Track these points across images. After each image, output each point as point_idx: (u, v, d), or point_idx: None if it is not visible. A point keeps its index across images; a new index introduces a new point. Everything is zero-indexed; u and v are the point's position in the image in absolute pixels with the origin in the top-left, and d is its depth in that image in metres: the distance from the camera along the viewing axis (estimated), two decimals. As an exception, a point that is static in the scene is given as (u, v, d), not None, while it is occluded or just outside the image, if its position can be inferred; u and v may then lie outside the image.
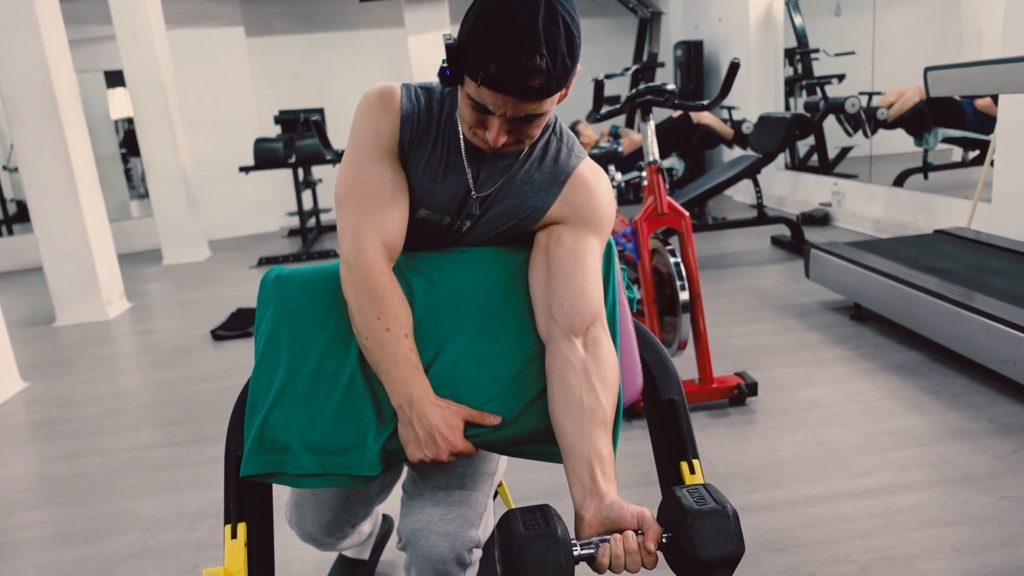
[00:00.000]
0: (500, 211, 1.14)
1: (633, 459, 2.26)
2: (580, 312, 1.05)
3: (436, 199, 1.13)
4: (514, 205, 1.13)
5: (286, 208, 7.76)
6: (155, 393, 3.26)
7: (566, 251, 1.09)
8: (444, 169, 1.12)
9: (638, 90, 2.66)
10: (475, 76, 0.94)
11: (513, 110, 0.96)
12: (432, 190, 1.13)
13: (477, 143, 1.05)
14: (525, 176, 1.12)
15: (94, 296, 4.60)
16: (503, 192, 1.13)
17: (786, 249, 4.87)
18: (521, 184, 1.12)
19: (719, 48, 7.33)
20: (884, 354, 2.94)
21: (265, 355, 1.12)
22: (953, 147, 5.42)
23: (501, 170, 1.12)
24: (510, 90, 0.94)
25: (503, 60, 0.91)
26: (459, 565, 1.10)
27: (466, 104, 1.00)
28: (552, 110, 1.03)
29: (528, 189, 1.12)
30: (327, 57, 7.81)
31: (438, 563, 1.09)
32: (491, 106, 0.96)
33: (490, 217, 1.15)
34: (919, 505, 1.91)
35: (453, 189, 1.13)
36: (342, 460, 1.06)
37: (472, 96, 0.97)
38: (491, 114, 0.98)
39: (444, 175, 1.12)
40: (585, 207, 1.11)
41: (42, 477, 2.53)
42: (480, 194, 1.12)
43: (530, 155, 1.12)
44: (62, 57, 4.36)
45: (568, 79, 0.98)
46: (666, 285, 2.65)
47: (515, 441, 1.08)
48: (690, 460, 1.13)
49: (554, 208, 1.12)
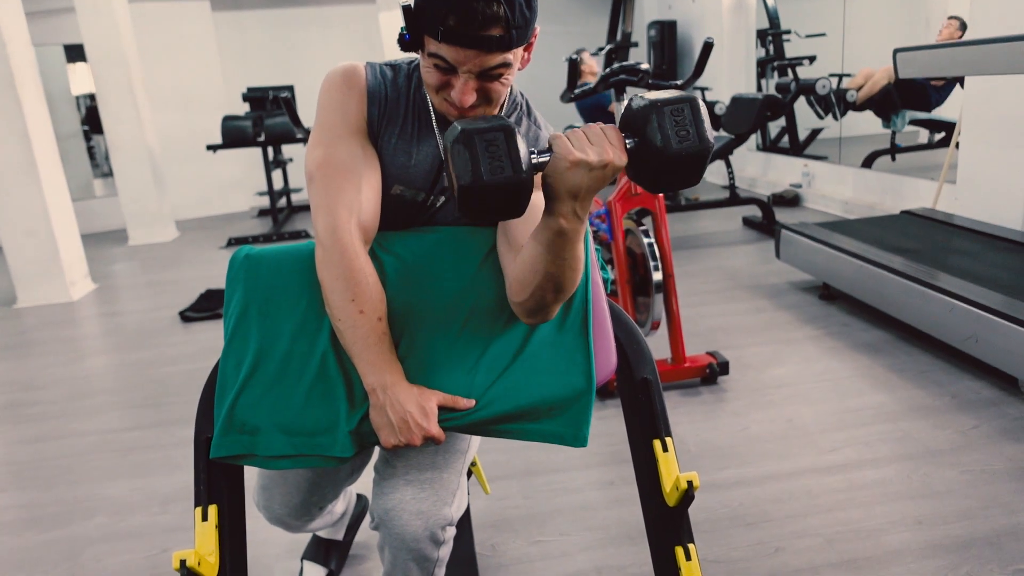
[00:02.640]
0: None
1: (607, 437, 2.28)
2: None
3: (410, 174, 1.13)
4: None
5: (255, 188, 7.63)
6: (122, 376, 3.20)
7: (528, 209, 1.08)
8: (417, 143, 1.11)
9: (612, 69, 2.64)
10: (435, 33, 0.94)
11: (477, 64, 0.96)
12: (406, 165, 1.12)
13: (445, 110, 1.04)
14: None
15: (57, 277, 4.49)
16: None
17: (757, 230, 4.92)
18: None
19: (692, 28, 7.33)
20: (852, 333, 2.99)
21: (234, 336, 1.10)
22: (920, 129, 5.51)
23: None
24: (471, 42, 0.93)
25: (461, 11, 0.91)
26: (432, 543, 1.10)
27: (429, 67, 1.00)
28: (516, 67, 1.02)
29: None
30: (297, 33, 7.65)
31: (411, 541, 1.08)
32: (454, 62, 0.96)
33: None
34: (883, 480, 1.95)
35: (428, 164, 1.12)
36: (314, 441, 1.05)
37: (434, 55, 0.97)
38: (455, 73, 0.97)
39: (417, 149, 1.11)
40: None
41: (6, 461, 2.48)
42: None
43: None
44: (19, 29, 4.21)
45: (528, 32, 0.98)
46: (639, 266, 2.66)
47: (488, 421, 1.08)
48: (663, 438, 1.14)
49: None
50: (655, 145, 0.86)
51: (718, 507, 1.89)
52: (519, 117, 1.15)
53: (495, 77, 0.99)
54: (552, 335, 1.11)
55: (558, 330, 1.12)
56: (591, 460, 2.17)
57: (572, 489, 2.02)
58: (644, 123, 0.87)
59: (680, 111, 0.86)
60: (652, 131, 0.87)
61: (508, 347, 1.09)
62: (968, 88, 3.70)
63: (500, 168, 0.83)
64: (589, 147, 0.86)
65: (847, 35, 5.69)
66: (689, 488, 1.04)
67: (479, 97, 1.01)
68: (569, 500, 1.97)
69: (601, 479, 2.06)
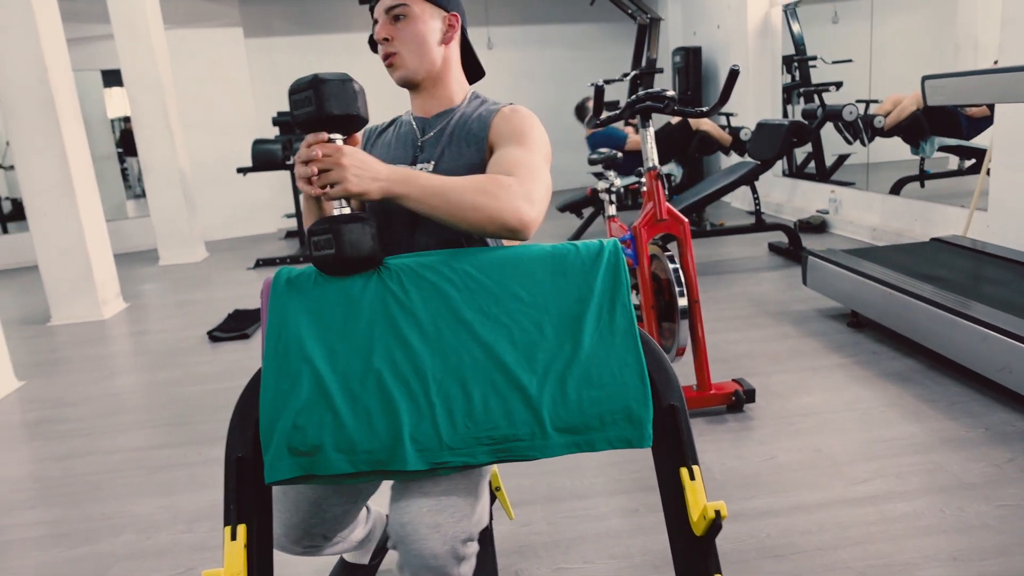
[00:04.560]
0: (450, 154, 1.32)
1: (632, 464, 2.26)
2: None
3: (393, 155, 1.38)
4: (459, 149, 1.32)
5: (282, 210, 7.75)
6: (151, 394, 3.25)
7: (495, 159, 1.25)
8: (396, 139, 1.40)
9: (638, 96, 2.66)
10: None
11: (383, 4, 1.30)
12: (389, 152, 1.39)
13: (387, 67, 1.33)
14: (460, 123, 1.34)
15: (90, 295, 4.58)
16: (445, 138, 1.34)
17: (783, 256, 4.89)
18: (458, 130, 1.33)
19: (717, 54, 7.36)
20: (881, 361, 2.94)
21: (279, 358, 1.11)
22: (949, 155, 5.45)
23: (439, 126, 1.36)
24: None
25: None
26: (454, 559, 1.08)
27: (377, 39, 1.33)
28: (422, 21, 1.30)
29: (466, 135, 1.32)
30: (326, 59, 7.81)
31: (431, 558, 1.06)
32: (376, 15, 1.32)
33: (445, 163, 1.32)
34: (916, 513, 1.91)
35: (405, 147, 1.37)
36: (375, 458, 1.06)
37: (374, 27, 1.33)
38: (375, 22, 1.32)
39: (397, 140, 1.39)
40: (507, 128, 1.30)
41: (36, 477, 2.52)
42: (423, 138, 1.36)
43: (460, 112, 1.36)
44: (59, 55, 4.35)
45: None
46: (664, 291, 2.66)
47: (558, 445, 1.08)
48: (690, 466, 1.13)
49: (489, 136, 1.31)
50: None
51: (745, 537, 1.86)
52: (479, 101, 1.39)
53: (398, 18, 1.30)
54: (603, 338, 1.13)
55: (609, 333, 1.13)
56: (615, 487, 2.15)
57: (596, 516, 2.01)
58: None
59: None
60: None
61: (561, 354, 1.11)
62: (999, 115, 3.66)
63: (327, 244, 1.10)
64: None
65: (874, 61, 5.68)
66: (717, 517, 1.03)
67: (393, 40, 1.30)
68: (593, 527, 1.96)
69: (625, 506, 2.04)
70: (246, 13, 7.55)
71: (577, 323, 1.14)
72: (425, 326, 1.12)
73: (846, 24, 6.32)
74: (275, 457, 1.06)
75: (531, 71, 8.27)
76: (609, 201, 3.53)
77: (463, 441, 1.08)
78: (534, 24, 8.22)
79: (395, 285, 1.13)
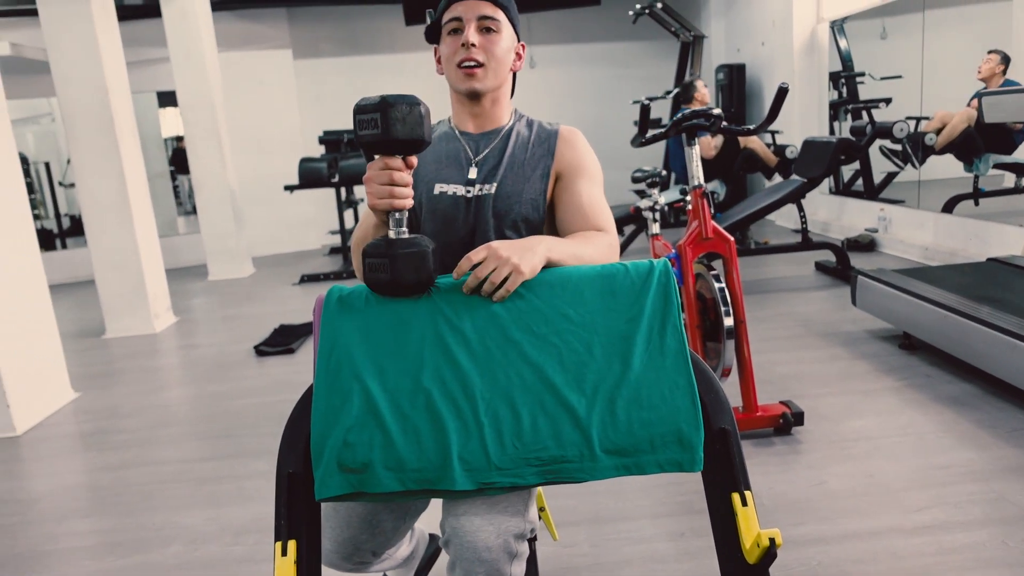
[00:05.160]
0: (513, 178, 1.34)
1: (677, 486, 2.22)
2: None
3: (443, 172, 1.36)
4: (522, 173, 1.35)
5: (327, 227, 7.89)
6: (199, 406, 3.32)
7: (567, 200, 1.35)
8: (445, 155, 1.37)
9: (683, 114, 2.65)
10: (446, 3, 1.31)
11: (472, 11, 1.29)
12: (439, 169, 1.36)
13: (461, 78, 1.31)
14: (518, 146, 1.36)
15: (142, 309, 4.72)
16: (505, 161, 1.35)
17: (831, 275, 4.78)
18: (518, 152, 1.36)
19: (762, 71, 7.28)
20: (935, 385, 2.85)
21: (330, 375, 1.12)
22: (1005, 173, 5.28)
23: (493, 145, 1.37)
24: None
25: None
26: (507, 555, 1.09)
27: (446, 43, 1.32)
28: (508, 40, 1.32)
29: (529, 158, 1.36)
30: (372, 79, 7.96)
31: (484, 551, 1.07)
32: (459, 13, 1.29)
33: (507, 186, 1.34)
34: (976, 544, 1.84)
35: (458, 165, 1.36)
36: (423, 476, 1.06)
37: (445, 20, 1.31)
38: (462, 25, 1.29)
39: (446, 157, 1.37)
40: (571, 156, 1.37)
41: (90, 487, 2.59)
42: (476, 158, 1.36)
43: (513, 132, 1.38)
44: (119, 78, 4.52)
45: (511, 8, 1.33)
46: (710, 310, 2.62)
47: (608, 467, 1.08)
48: (742, 491, 1.10)
49: (554, 166, 1.36)
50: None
51: (795, 565, 1.81)
52: (526, 121, 1.42)
53: (490, 31, 1.29)
54: (653, 359, 1.12)
55: (659, 354, 1.12)
56: (660, 509, 2.11)
57: (641, 539, 1.98)
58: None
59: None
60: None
61: (610, 374, 1.10)
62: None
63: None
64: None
65: (925, 77, 5.55)
66: (771, 546, 1.01)
67: (481, 48, 1.29)
68: (638, 550, 1.93)
69: (671, 530, 2.01)
70: (295, 35, 7.75)
71: (627, 344, 1.13)
72: (474, 345, 1.12)
73: (895, 39, 6.20)
74: (325, 474, 1.07)
75: (574, 89, 8.30)
76: (653, 219, 3.51)
77: (511, 461, 1.07)
78: (577, 43, 8.26)
79: (445, 304, 1.14)
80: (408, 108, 1.07)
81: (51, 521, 2.35)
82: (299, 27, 7.76)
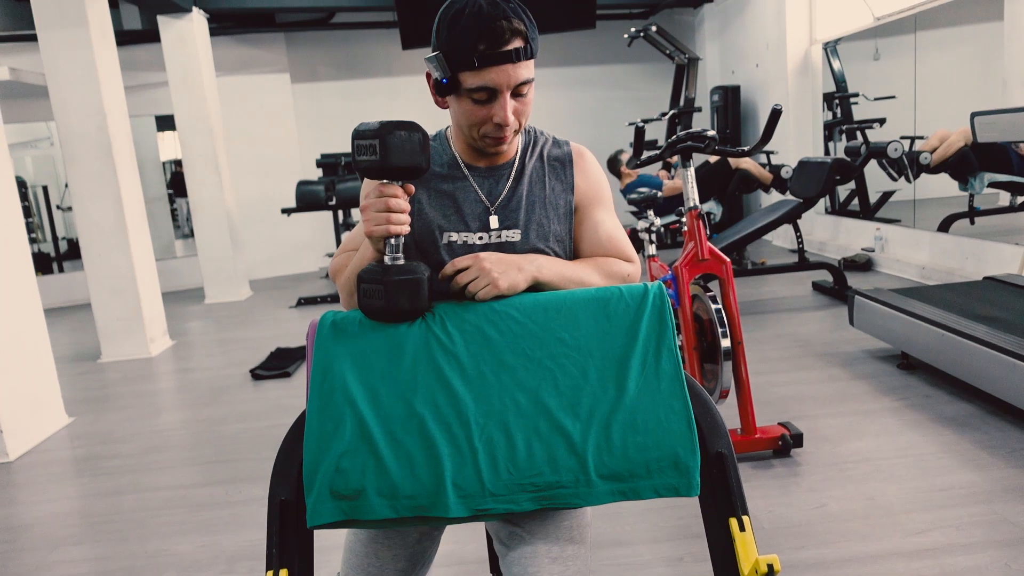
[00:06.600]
0: (537, 220, 1.23)
1: (675, 510, 2.20)
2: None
3: (452, 219, 1.22)
4: (545, 214, 1.24)
5: (324, 249, 7.89)
6: (194, 431, 3.29)
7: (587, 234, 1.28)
8: (458, 196, 1.22)
9: (679, 136, 2.66)
10: (471, 64, 1.06)
11: (512, 79, 1.08)
12: (452, 212, 1.22)
13: (487, 144, 1.16)
14: (534, 179, 1.24)
15: (138, 333, 4.70)
16: (525, 204, 1.23)
17: (828, 295, 4.78)
18: (536, 189, 1.24)
19: (756, 93, 7.34)
20: (935, 405, 2.84)
21: (325, 400, 1.11)
22: (1000, 191, 5.31)
23: (508, 185, 1.23)
24: (504, 58, 1.06)
25: (489, 36, 1.05)
26: None
27: (467, 103, 1.11)
28: (534, 86, 1.14)
29: (551, 194, 1.25)
30: (369, 103, 8.01)
31: None
32: (495, 84, 1.08)
33: (534, 233, 1.23)
34: (979, 567, 1.82)
35: (472, 206, 1.22)
36: (415, 503, 1.05)
37: (472, 87, 1.08)
38: (493, 100, 1.10)
39: (461, 199, 1.22)
40: (586, 184, 1.28)
41: (83, 513, 2.56)
42: (494, 205, 1.23)
43: (526, 170, 1.25)
44: (118, 103, 4.54)
45: (535, 46, 1.11)
46: (707, 332, 2.61)
47: (603, 492, 1.07)
48: (739, 516, 1.09)
49: (575, 198, 1.27)
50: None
51: (796, 590, 1.78)
52: (531, 135, 1.29)
53: (523, 94, 1.12)
54: (649, 383, 1.11)
55: (655, 377, 1.11)
56: (658, 534, 2.09)
57: (639, 564, 1.95)
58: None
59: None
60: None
61: (605, 399, 1.09)
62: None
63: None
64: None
65: (918, 97, 5.60)
66: (770, 571, 0.99)
67: (515, 116, 1.12)
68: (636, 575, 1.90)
69: (669, 555, 1.98)
70: (293, 59, 7.81)
71: (622, 368, 1.12)
72: (468, 370, 1.11)
73: (888, 60, 6.26)
74: (318, 500, 1.05)
75: (570, 111, 8.36)
76: (649, 240, 3.51)
77: (506, 487, 1.06)
78: (573, 65, 8.33)
79: (439, 328, 1.13)
80: (407, 135, 1.05)
81: (43, 549, 2.32)
82: (297, 51, 7.82)
